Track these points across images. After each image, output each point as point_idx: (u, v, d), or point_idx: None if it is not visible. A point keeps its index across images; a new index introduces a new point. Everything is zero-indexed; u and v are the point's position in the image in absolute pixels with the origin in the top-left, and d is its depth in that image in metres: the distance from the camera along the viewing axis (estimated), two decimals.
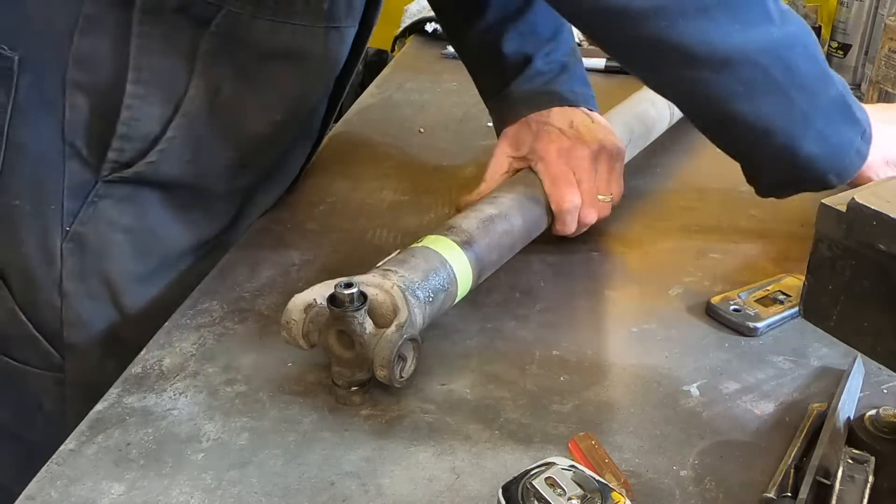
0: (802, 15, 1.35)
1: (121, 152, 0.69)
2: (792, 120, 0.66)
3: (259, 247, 0.79)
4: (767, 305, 0.69)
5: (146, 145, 0.70)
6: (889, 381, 0.61)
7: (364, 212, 0.86)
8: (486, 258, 0.68)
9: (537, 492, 0.42)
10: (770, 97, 0.65)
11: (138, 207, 0.73)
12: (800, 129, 0.67)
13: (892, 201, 0.45)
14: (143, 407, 0.58)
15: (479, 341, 0.66)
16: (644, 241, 0.82)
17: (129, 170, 0.70)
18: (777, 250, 0.80)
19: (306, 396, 0.59)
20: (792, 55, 0.64)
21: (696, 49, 0.62)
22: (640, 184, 0.93)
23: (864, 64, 1.25)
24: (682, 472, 0.53)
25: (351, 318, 0.56)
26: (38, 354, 0.75)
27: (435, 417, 0.57)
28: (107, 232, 0.72)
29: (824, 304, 0.50)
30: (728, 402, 0.59)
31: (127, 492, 0.51)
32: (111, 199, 0.71)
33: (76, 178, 0.70)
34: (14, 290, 0.73)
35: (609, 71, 1.32)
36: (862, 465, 0.50)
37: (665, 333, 0.67)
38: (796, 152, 0.67)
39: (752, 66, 0.63)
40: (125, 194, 0.71)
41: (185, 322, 0.67)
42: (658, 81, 0.69)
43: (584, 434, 0.55)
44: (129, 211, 0.72)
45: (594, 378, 0.62)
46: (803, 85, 0.65)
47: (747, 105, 0.65)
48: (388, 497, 0.51)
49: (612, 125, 0.88)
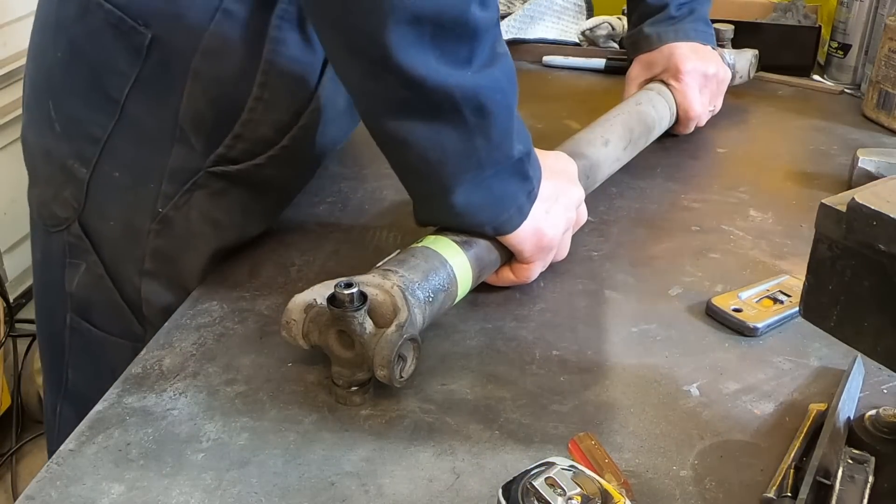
0: (802, 15, 1.35)
1: (231, 149, 0.71)
2: (466, 162, 0.62)
3: (259, 247, 0.79)
4: (767, 305, 0.69)
5: (259, 148, 0.71)
6: (889, 381, 0.61)
7: (364, 212, 0.86)
8: (486, 258, 0.68)
9: (537, 492, 0.42)
10: (453, 132, 0.61)
11: (230, 203, 0.73)
12: (469, 174, 0.63)
13: (892, 201, 0.45)
14: (143, 407, 0.58)
15: (479, 341, 0.66)
16: (644, 241, 0.82)
17: (234, 166, 0.71)
18: (777, 250, 0.80)
19: (306, 396, 0.59)
20: (489, 102, 0.61)
21: (398, 56, 0.57)
22: (640, 184, 0.93)
23: (864, 64, 1.25)
24: (682, 472, 0.53)
25: (351, 318, 0.56)
26: (121, 323, 0.77)
27: (435, 417, 0.57)
28: (197, 221, 0.73)
29: (824, 304, 0.50)
30: (728, 402, 0.59)
31: (127, 492, 0.51)
32: (207, 190, 0.72)
33: (179, 162, 0.71)
34: (104, 259, 0.75)
35: (609, 71, 1.32)
36: (862, 465, 0.50)
37: (665, 333, 0.67)
38: (454, 197, 0.64)
39: (446, 95, 0.59)
40: (220, 188, 0.72)
41: (185, 322, 0.67)
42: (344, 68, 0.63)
43: (584, 434, 0.55)
44: (221, 205, 0.73)
45: (594, 378, 0.62)
46: (489, 134, 0.62)
47: (425, 129, 0.61)
48: (388, 497, 0.51)
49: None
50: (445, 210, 0.65)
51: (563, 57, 1.35)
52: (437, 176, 0.63)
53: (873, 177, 0.88)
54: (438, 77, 0.58)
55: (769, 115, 1.17)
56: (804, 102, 1.22)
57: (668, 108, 1.00)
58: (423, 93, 0.59)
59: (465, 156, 0.62)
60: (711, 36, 1.09)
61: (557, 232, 0.70)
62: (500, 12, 0.82)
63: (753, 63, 1.18)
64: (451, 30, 0.57)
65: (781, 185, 0.95)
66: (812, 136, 1.09)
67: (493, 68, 0.61)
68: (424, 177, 0.65)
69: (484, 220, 0.66)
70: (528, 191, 0.67)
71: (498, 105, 0.62)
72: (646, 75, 1.05)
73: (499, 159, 0.64)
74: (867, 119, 1.13)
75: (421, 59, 0.57)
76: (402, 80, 0.58)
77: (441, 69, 0.58)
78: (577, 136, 0.86)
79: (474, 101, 0.60)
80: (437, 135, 0.61)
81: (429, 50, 0.57)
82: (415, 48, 0.56)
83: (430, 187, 0.65)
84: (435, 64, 0.58)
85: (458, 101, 0.59)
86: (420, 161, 0.63)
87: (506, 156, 0.64)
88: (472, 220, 0.66)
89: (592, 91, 1.25)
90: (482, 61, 0.60)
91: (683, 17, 1.05)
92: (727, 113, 1.11)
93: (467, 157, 0.62)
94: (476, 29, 0.58)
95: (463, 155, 0.62)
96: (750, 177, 0.95)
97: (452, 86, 0.59)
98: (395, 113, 0.61)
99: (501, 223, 0.66)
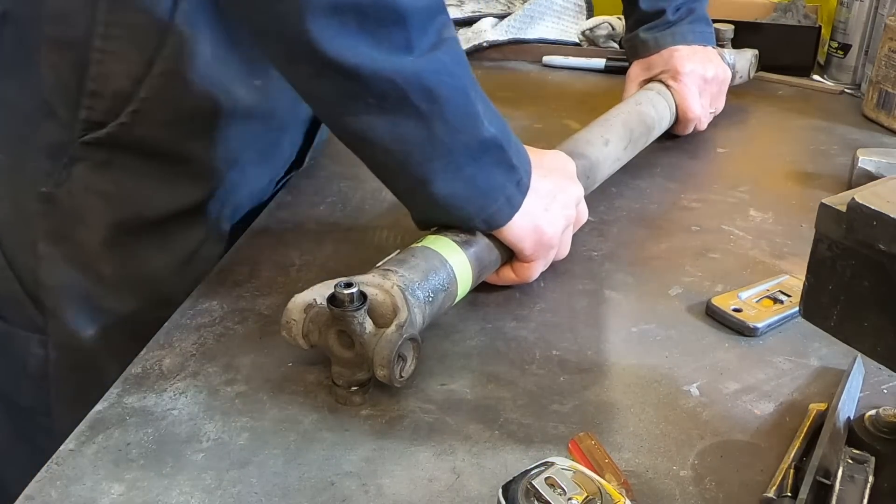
0: (802, 15, 1.35)
1: (91, 110, 0.68)
2: (432, 150, 0.61)
3: (259, 247, 0.79)
4: (767, 305, 0.69)
5: (118, 104, 0.69)
6: (889, 381, 0.61)
7: (364, 212, 0.86)
8: (486, 258, 0.68)
9: (537, 492, 0.42)
10: (409, 121, 0.60)
11: (117, 173, 0.71)
12: (440, 162, 0.62)
13: (892, 201, 0.45)
14: (143, 407, 0.58)
15: (479, 341, 0.66)
16: (644, 241, 0.82)
17: (102, 130, 0.69)
18: (777, 250, 0.80)
19: (306, 396, 0.59)
20: (437, 85, 0.59)
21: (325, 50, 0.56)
22: (640, 184, 0.93)
23: (864, 64, 1.25)
24: (682, 472, 0.53)
25: (351, 318, 0.56)
26: (24, 315, 0.74)
27: (435, 417, 0.57)
28: (82, 196, 0.71)
29: (824, 304, 0.50)
30: (728, 402, 0.59)
31: (127, 492, 0.51)
32: (88, 163, 0.70)
33: (52, 137, 0.69)
34: (4, 247, 0.72)
35: (609, 71, 1.32)
36: (862, 465, 0.50)
37: (665, 333, 0.67)
38: (433, 188, 0.63)
39: (388, 82, 0.58)
40: (103, 158, 0.70)
41: (185, 322, 0.67)
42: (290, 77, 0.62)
43: (584, 434, 0.55)
44: (107, 176, 0.71)
45: (594, 378, 0.62)
46: (447, 119, 0.60)
47: (382, 122, 0.60)
48: (388, 497, 0.51)
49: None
50: (430, 203, 0.64)
51: (563, 57, 1.36)
52: (408, 168, 0.62)
53: (873, 177, 0.88)
54: (374, 65, 0.57)
55: (769, 115, 1.17)
56: (804, 102, 1.22)
57: (669, 108, 1.00)
58: (363, 83, 0.57)
59: (429, 143, 0.61)
60: (711, 35, 1.08)
61: (557, 229, 0.70)
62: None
63: (753, 63, 1.18)
64: (377, 16, 0.56)
65: (781, 185, 0.95)
66: (812, 136, 1.09)
67: (437, 52, 0.59)
68: (397, 171, 0.64)
69: (472, 212, 0.65)
70: (516, 181, 0.66)
71: (449, 88, 0.60)
72: (645, 76, 1.06)
73: (467, 143, 0.62)
74: (867, 119, 1.13)
75: (350, 47, 0.56)
76: (338, 72, 0.56)
77: (376, 56, 0.57)
78: (577, 136, 0.86)
79: (420, 87, 0.59)
80: (395, 126, 0.60)
81: (358, 38, 0.56)
82: (341, 38, 0.55)
83: (407, 181, 0.64)
84: (368, 51, 0.56)
85: (403, 88, 0.58)
86: (386, 155, 0.62)
87: (475, 139, 0.62)
88: (459, 213, 0.65)
89: (592, 91, 1.25)
90: (425, 46, 0.59)
91: (681, 20, 1.05)
92: (727, 113, 1.11)
93: (431, 145, 0.61)
94: (405, 13, 0.57)
95: (427, 143, 0.61)
96: (750, 177, 0.95)
97: (391, 72, 0.57)
98: (347, 110, 0.60)
99: (491, 215, 0.65)
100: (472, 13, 1.47)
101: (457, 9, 1.48)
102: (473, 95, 0.63)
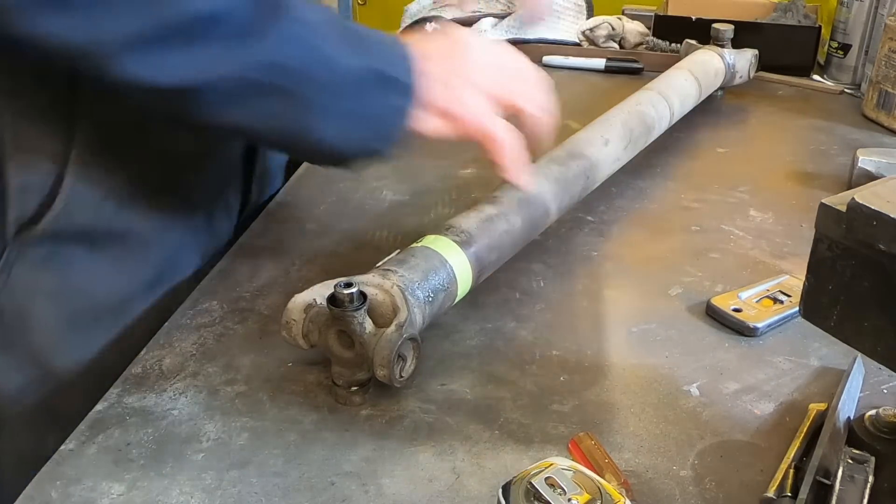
0: (802, 15, 1.35)
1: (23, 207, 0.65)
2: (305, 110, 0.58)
3: (259, 247, 0.79)
4: (767, 305, 0.69)
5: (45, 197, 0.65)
6: (889, 381, 0.61)
7: (364, 212, 0.86)
8: (486, 258, 0.68)
9: (537, 492, 0.42)
10: (271, 99, 0.57)
11: (60, 267, 0.67)
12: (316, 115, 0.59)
13: (892, 201, 0.45)
14: (143, 407, 0.58)
15: (479, 341, 0.66)
16: (644, 241, 0.82)
17: (37, 226, 0.65)
18: (777, 250, 0.80)
19: (306, 396, 0.59)
20: (286, 59, 0.56)
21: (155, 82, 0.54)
22: (640, 184, 0.93)
23: (864, 64, 1.25)
24: (682, 472, 0.53)
25: (351, 318, 0.56)
26: None
27: (435, 417, 0.57)
28: (25, 300, 0.67)
29: (824, 304, 0.50)
30: (728, 402, 0.59)
31: (127, 492, 0.51)
32: (25, 264, 0.66)
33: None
34: None
35: (609, 71, 1.32)
36: (862, 465, 0.50)
37: (665, 333, 0.67)
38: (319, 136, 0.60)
39: (235, 81, 0.55)
40: (42, 255, 0.66)
41: (185, 322, 0.67)
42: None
43: (584, 434, 0.55)
44: (48, 274, 0.67)
45: (594, 378, 0.62)
46: (310, 80, 0.58)
47: (248, 111, 0.57)
48: (388, 497, 0.51)
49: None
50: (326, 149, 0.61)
51: (563, 57, 1.36)
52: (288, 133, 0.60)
53: (873, 177, 0.88)
54: (214, 70, 0.55)
55: (769, 115, 1.17)
56: (804, 102, 1.22)
57: (669, 108, 1.00)
58: (209, 92, 0.55)
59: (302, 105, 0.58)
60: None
61: (470, 101, 0.64)
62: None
63: (753, 63, 1.18)
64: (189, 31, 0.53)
65: (781, 185, 0.95)
66: (812, 136, 1.09)
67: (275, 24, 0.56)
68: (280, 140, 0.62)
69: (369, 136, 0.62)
70: (397, 88, 0.61)
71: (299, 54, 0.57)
72: None
73: (337, 86, 0.59)
74: (867, 119, 1.13)
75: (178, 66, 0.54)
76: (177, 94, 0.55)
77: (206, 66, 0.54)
78: (577, 136, 0.86)
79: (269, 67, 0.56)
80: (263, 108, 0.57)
81: (182, 56, 0.54)
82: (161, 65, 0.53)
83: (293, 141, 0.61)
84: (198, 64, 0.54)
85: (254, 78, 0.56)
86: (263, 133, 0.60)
87: (344, 79, 0.59)
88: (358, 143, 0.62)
89: (592, 91, 1.25)
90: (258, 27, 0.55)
91: None
92: (727, 113, 1.12)
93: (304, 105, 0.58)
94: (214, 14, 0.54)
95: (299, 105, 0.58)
96: (750, 177, 0.95)
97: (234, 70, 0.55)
98: (212, 117, 0.58)
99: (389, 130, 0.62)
100: (472, 13, 1.47)
101: (457, 9, 1.48)
102: (323, 44, 0.58)
